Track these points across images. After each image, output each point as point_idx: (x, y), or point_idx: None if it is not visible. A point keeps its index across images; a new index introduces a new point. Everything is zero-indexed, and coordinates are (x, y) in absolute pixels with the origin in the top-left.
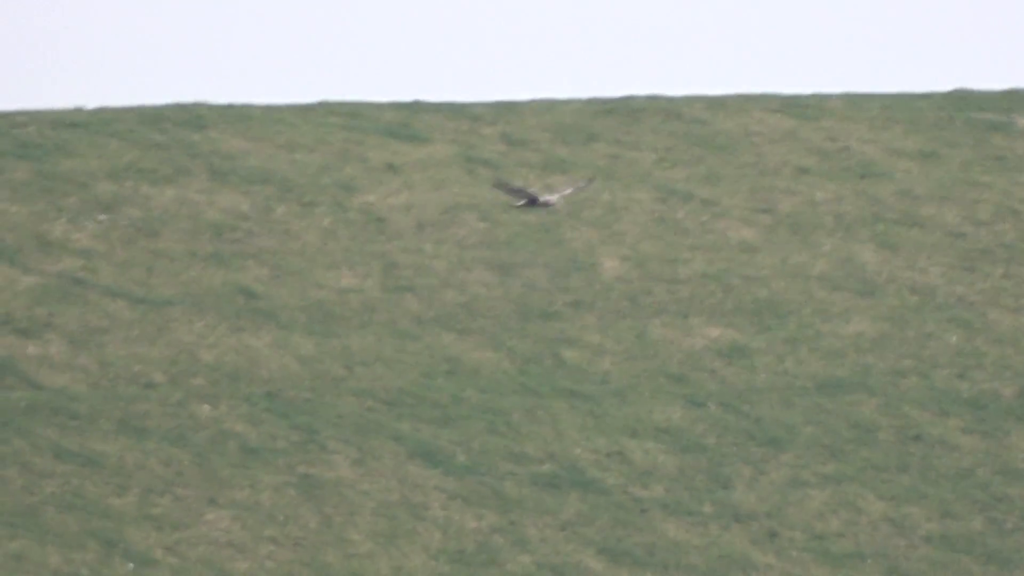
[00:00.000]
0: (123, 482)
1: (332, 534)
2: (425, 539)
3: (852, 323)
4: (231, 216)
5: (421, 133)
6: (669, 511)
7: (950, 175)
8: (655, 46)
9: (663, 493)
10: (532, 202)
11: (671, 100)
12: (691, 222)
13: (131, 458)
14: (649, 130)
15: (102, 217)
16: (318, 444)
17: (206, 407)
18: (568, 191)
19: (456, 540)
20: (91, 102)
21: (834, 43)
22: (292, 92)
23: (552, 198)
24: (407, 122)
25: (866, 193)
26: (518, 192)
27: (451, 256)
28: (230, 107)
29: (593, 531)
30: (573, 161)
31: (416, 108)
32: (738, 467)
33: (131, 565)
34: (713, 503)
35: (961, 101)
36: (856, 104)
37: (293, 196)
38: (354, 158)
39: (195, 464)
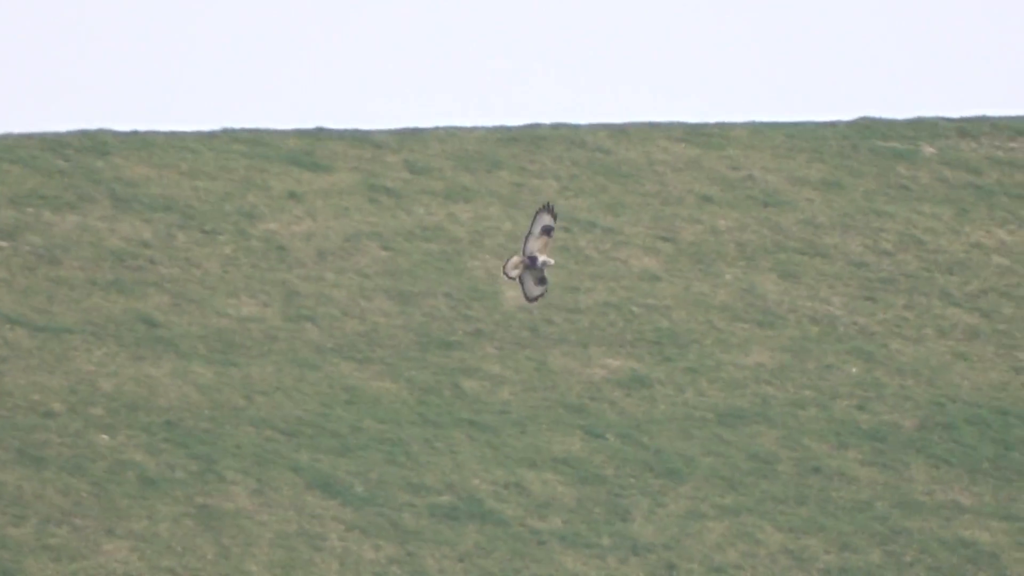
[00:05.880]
0: (20, 512)
1: (230, 565)
2: (323, 570)
3: (752, 354)
4: (133, 244)
5: (324, 161)
6: (567, 543)
7: (854, 204)
8: (560, 74)
9: (561, 525)
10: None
11: (575, 128)
12: (593, 251)
13: (29, 488)
14: (553, 158)
15: (3, 244)
16: (216, 474)
17: (104, 437)
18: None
19: (354, 571)
20: None
21: (738, 72)
22: (195, 119)
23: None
24: (310, 150)
25: (769, 222)
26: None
27: (352, 285)
28: (133, 134)
29: (491, 563)
30: (476, 189)
31: (319, 135)
32: (636, 499)
33: None
34: (611, 535)
35: (866, 130)
36: (760, 133)
37: (195, 224)
38: (257, 186)
39: (93, 494)
